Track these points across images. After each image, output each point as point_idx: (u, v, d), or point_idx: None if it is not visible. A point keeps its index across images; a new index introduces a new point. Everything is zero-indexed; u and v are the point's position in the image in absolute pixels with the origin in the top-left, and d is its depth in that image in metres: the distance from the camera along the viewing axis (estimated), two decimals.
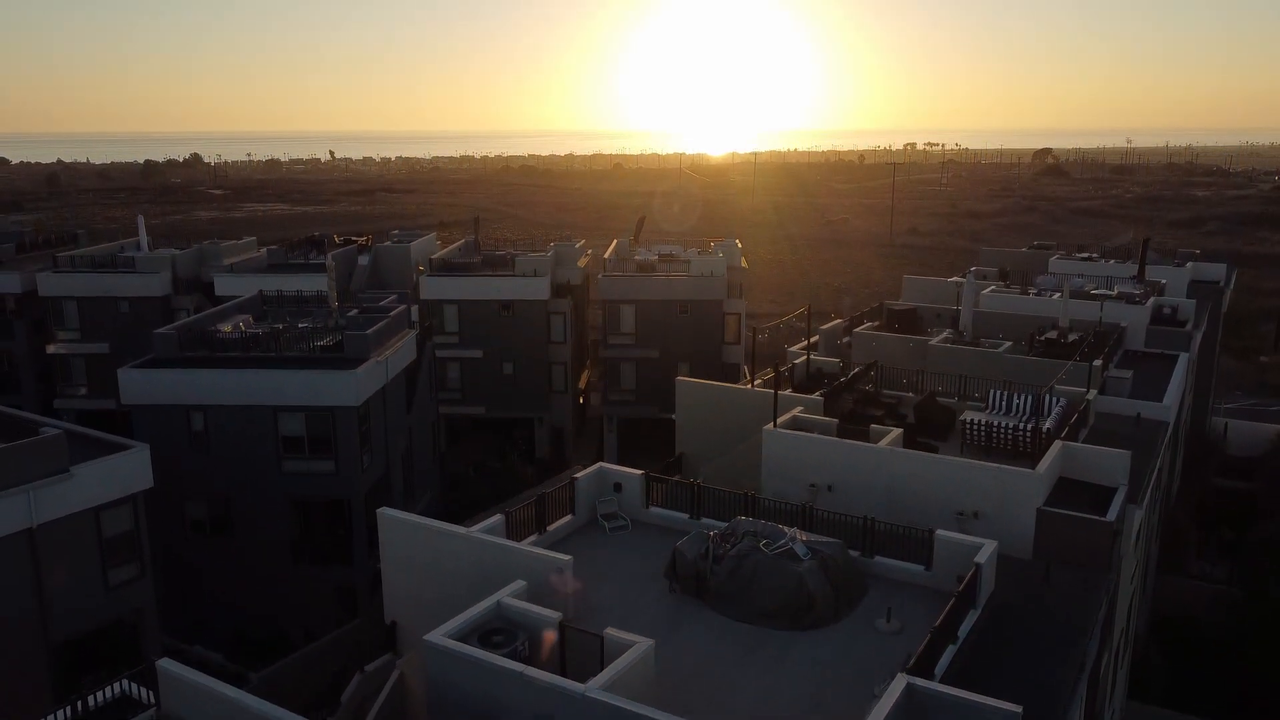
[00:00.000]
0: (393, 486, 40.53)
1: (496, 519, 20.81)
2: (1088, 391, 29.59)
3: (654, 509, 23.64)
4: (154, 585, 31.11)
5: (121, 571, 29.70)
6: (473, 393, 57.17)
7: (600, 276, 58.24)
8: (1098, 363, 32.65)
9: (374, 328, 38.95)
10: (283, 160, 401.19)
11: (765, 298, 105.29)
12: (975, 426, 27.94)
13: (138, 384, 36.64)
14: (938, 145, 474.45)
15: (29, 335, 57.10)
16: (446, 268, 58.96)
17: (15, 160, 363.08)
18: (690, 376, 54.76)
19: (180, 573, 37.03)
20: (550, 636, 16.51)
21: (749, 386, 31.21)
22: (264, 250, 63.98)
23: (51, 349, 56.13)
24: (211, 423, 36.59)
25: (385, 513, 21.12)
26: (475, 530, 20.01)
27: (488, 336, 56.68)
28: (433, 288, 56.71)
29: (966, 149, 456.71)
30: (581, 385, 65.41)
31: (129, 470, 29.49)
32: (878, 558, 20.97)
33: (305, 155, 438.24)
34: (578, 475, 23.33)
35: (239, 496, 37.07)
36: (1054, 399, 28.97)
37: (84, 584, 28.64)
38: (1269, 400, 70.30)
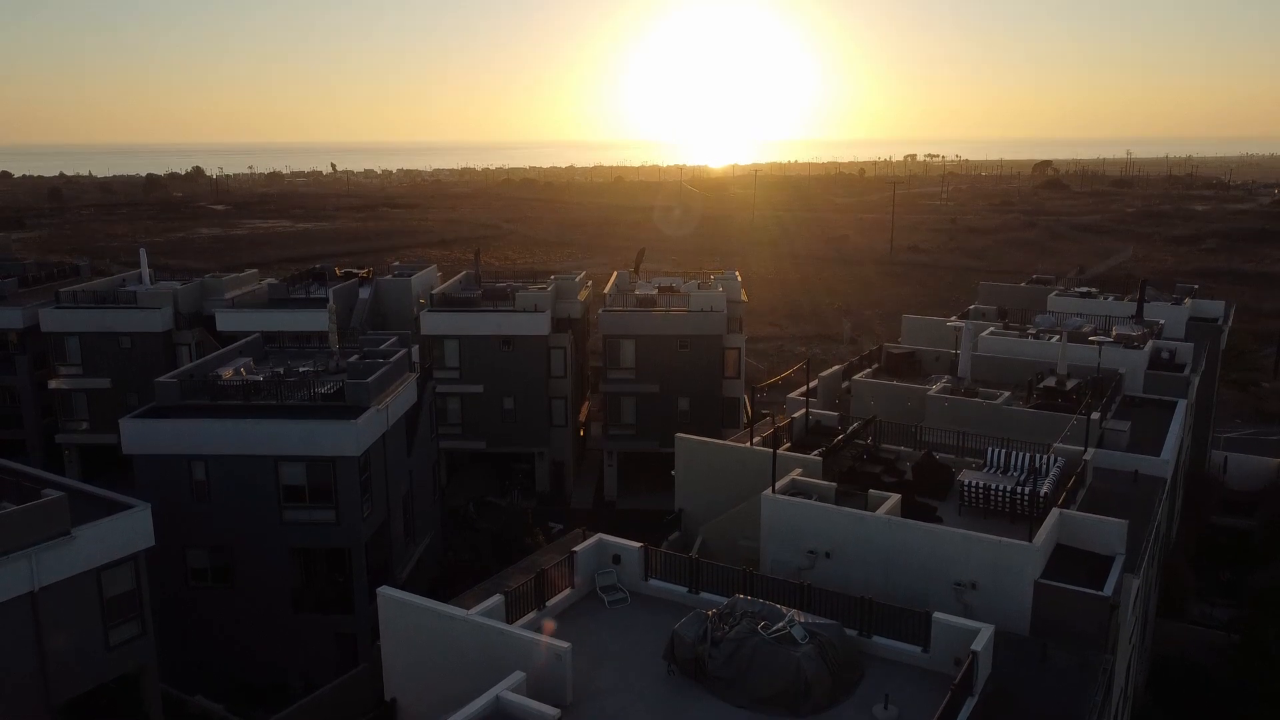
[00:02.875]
0: (393, 532, 40.67)
1: (495, 599, 20.91)
2: (1085, 451, 29.67)
3: (653, 581, 23.73)
4: (155, 633, 31.22)
5: (122, 630, 29.81)
6: (473, 427, 57.33)
7: (601, 312, 58.45)
8: (1096, 415, 32.74)
9: (375, 375, 39.10)
10: (284, 173, 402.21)
11: (765, 319, 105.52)
12: (973, 488, 28.03)
13: (139, 434, 36.80)
14: (938, 157, 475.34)
15: (31, 370, 57.35)
16: (447, 302, 59.17)
17: (18, 174, 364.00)
18: (690, 411, 55.78)
19: (181, 621, 37.13)
20: None
21: (748, 442, 31.25)
22: (265, 283, 64.22)
23: (53, 384, 56.35)
24: (213, 472, 36.75)
25: (385, 592, 21.24)
26: (475, 614, 20.11)
27: (488, 371, 56.86)
28: (433, 323, 56.91)
29: (967, 160, 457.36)
30: (582, 417, 65.56)
31: (130, 530, 29.59)
32: (875, 638, 21.06)
33: (307, 168, 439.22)
34: (577, 549, 23.42)
35: (240, 545, 37.20)
36: (1052, 458, 29.09)
37: (85, 645, 28.75)
38: (1269, 429, 70.31)
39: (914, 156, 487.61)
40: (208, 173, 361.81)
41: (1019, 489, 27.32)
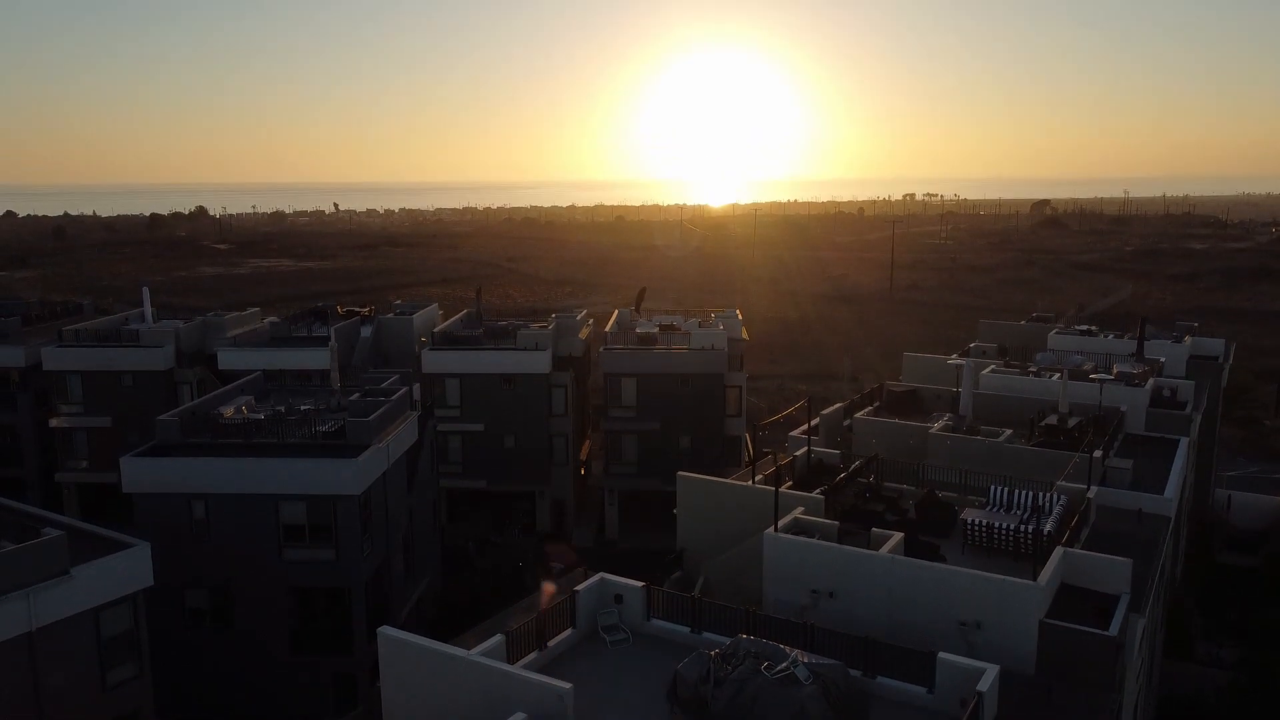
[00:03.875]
0: (393, 571, 40.45)
1: (496, 640, 20.76)
2: (1089, 489, 29.58)
3: (655, 621, 23.57)
4: (152, 674, 30.91)
5: (120, 671, 29.55)
6: (474, 466, 57.20)
7: (602, 350, 58.55)
8: (1098, 453, 32.68)
9: (376, 413, 39.10)
10: (287, 212, 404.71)
11: (766, 357, 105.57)
12: (976, 527, 27.90)
13: (140, 472, 36.72)
14: (936, 196, 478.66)
15: (32, 408, 57.35)
16: (448, 341, 59.32)
17: (22, 213, 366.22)
18: (692, 449, 55.66)
19: (179, 661, 36.81)
20: None
21: (750, 481, 31.18)
22: (267, 322, 64.40)
23: (54, 422, 56.30)
24: (213, 511, 36.63)
25: (385, 632, 21.09)
26: (475, 654, 19.95)
27: (489, 410, 56.83)
28: (434, 362, 56.99)
29: (965, 199, 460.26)
30: (583, 456, 65.43)
31: (129, 569, 29.44)
32: (879, 678, 20.87)
33: (310, 207, 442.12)
34: (579, 588, 23.29)
35: (239, 584, 36.98)
36: (1055, 496, 28.99)
37: (82, 685, 28.48)
38: (1272, 467, 70.07)
39: (912, 196, 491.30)
40: (211, 212, 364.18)
41: (1022, 527, 27.19)
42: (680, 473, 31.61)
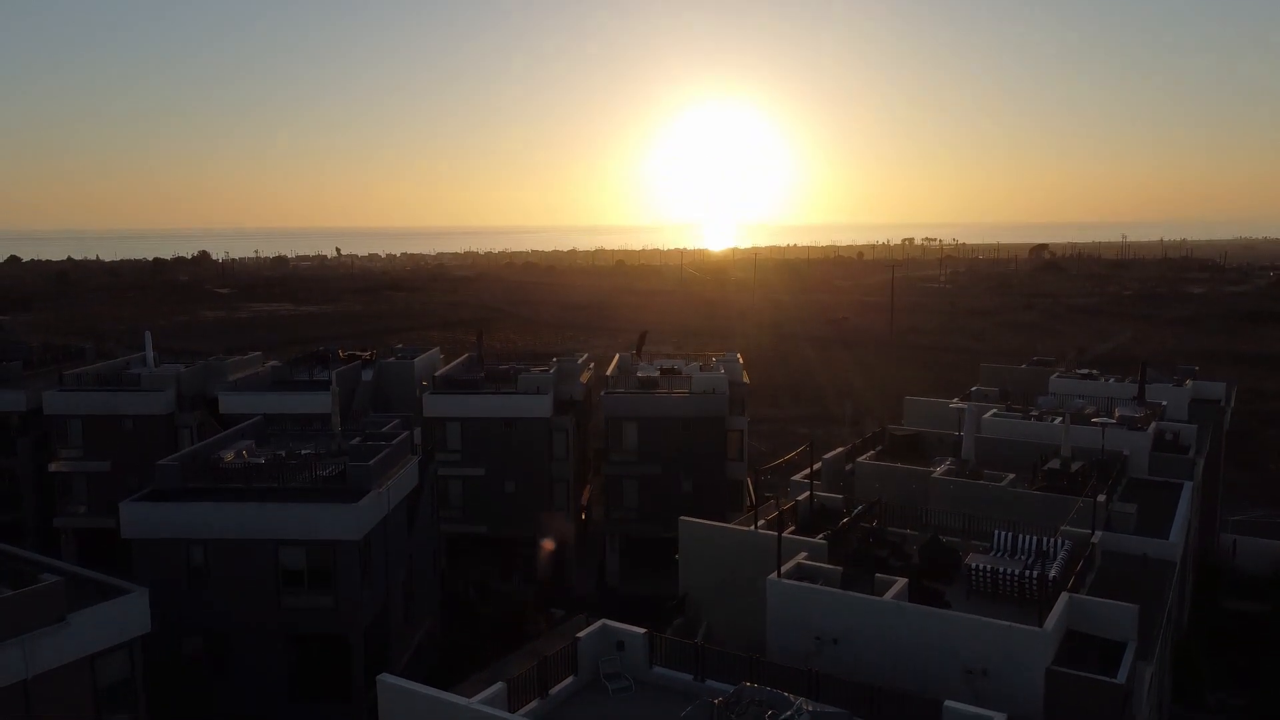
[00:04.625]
0: (392, 617, 40.05)
1: (498, 688, 20.52)
2: (1093, 534, 29.41)
3: (658, 668, 23.31)
4: None
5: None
6: (474, 511, 56.89)
7: (603, 394, 58.52)
8: (1102, 498, 32.52)
9: (376, 458, 38.97)
10: (289, 257, 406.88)
11: (767, 400, 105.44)
12: (980, 572, 27.68)
13: (139, 518, 36.50)
14: (935, 240, 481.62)
15: (32, 453, 57.23)
16: (449, 385, 59.32)
17: (26, 258, 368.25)
18: (693, 493, 55.40)
19: (176, 708, 36.25)
20: None
21: (752, 525, 31.02)
22: (269, 366, 64.49)
23: (54, 467, 56.14)
24: (211, 556, 36.36)
25: (384, 680, 20.86)
26: (476, 702, 19.72)
27: (490, 454, 56.64)
28: (435, 405, 56.93)
29: (963, 244, 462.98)
30: (584, 500, 65.11)
31: (126, 616, 29.16)
32: None
33: (312, 252, 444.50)
34: (580, 635, 23.07)
35: (237, 631, 36.59)
36: (1059, 541, 28.81)
37: None
38: (1277, 511, 69.66)
39: (911, 240, 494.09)
40: (214, 256, 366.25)
41: (1027, 572, 26.97)
42: (682, 517, 31.47)
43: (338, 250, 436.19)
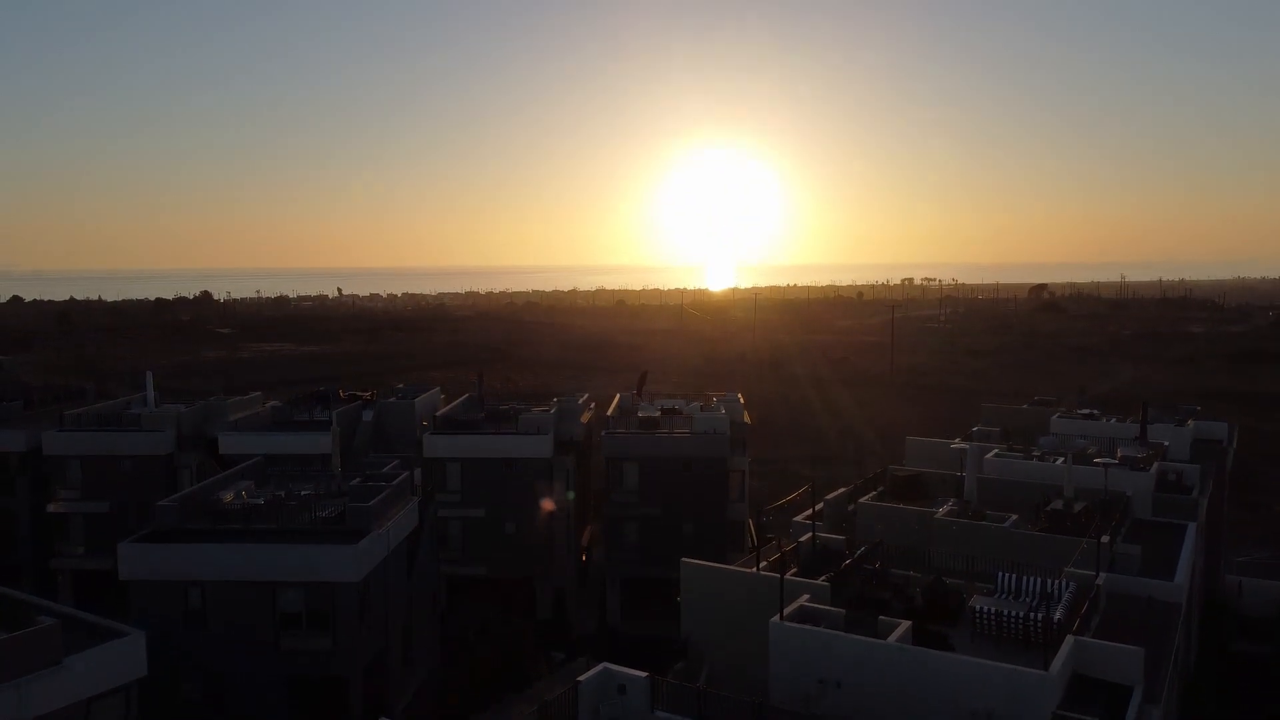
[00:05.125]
0: (391, 659, 39.67)
1: None
2: (1097, 576, 29.23)
3: (660, 713, 23.05)
4: None
5: None
6: (474, 552, 56.54)
7: (604, 434, 58.41)
8: (1105, 539, 32.35)
9: (376, 498, 38.85)
10: (291, 297, 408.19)
11: (768, 440, 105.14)
12: (985, 614, 27.46)
13: (137, 559, 36.32)
14: (934, 280, 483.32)
15: (30, 493, 57.02)
16: (450, 425, 59.23)
17: (29, 298, 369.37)
18: (695, 534, 55.08)
19: None
20: None
21: (754, 567, 30.79)
22: (269, 405, 64.44)
23: (52, 507, 55.91)
24: (209, 598, 36.13)
25: None
26: None
27: (490, 495, 56.42)
28: (435, 446, 56.78)
29: (963, 284, 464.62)
30: (585, 541, 64.74)
31: (122, 659, 28.94)
32: None
33: (313, 291, 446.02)
34: (581, 679, 22.84)
35: (234, 673, 36.22)
36: (1064, 583, 28.62)
37: None
38: None
39: (911, 280, 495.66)
40: (216, 297, 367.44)
41: (1032, 615, 26.76)
42: (684, 559, 31.28)
43: (339, 290, 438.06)
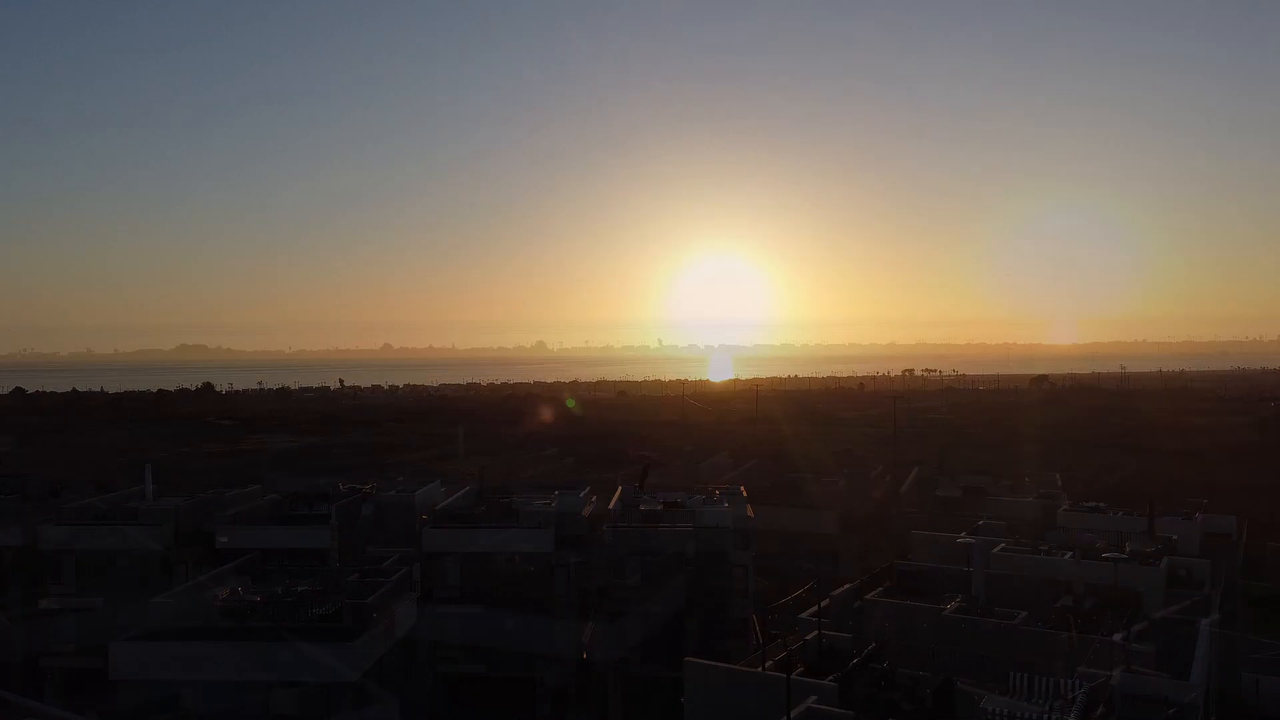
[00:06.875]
0: None
1: None
2: (1111, 676, 28.56)
3: None
4: None
5: None
6: (472, 649, 55.26)
7: (605, 528, 57.78)
8: (1118, 637, 31.74)
9: (374, 595, 38.30)
10: (292, 388, 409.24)
11: (773, 534, 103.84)
12: (998, 717, 26.73)
13: (129, 658, 35.66)
14: (935, 371, 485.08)
15: (24, 589, 56.10)
16: (449, 518, 58.68)
17: (31, 389, 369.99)
18: (699, 631, 53.95)
19: None
20: None
21: (760, 667, 30.16)
22: (268, 499, 64.00)
23: (44, 604, 54.96)
24: (202, 699, 35.26)
25: None
26: None
27: (489, 590, 55.46)
28: (434, 540, 56.09)
29: (963, 375, 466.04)
30: (585, 639, 63.34)
31: None
32: None
33: (315, 384, 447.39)
34: None
35: None
36: (1077, 682, 27.96)
37: None
38: None
39: (911, 371, 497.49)
40: (217, 388, 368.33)
41: (1046, 717, 26.09)
42: (688, 659, 30.71)
43: (341, 382, 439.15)
